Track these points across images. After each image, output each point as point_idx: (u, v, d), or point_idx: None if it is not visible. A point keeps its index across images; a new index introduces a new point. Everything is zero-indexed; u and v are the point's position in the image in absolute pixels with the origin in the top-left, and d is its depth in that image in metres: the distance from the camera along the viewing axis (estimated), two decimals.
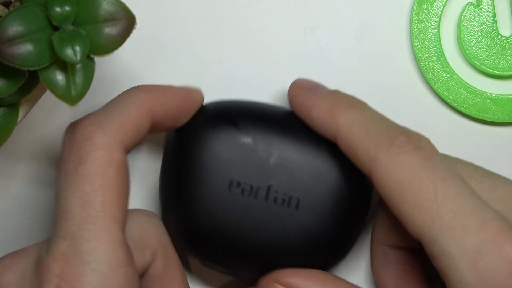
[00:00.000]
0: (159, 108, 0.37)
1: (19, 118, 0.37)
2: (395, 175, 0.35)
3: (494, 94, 0.43)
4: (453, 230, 0.33)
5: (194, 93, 0.39)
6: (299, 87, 0.39)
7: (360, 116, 0.37)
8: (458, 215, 0.33)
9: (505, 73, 0.44)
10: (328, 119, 0.37)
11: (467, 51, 0.44)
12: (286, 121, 0.39)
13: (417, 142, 0.36)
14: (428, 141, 0.36)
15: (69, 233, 0.33)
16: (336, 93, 0.39)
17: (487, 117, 0.43)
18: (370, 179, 0.36)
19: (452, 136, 0.44)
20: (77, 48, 0.33)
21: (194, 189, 0.38)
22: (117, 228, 0.34)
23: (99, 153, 0.34)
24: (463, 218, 0.33)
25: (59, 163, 0.36)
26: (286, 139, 0.38)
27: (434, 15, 0.44)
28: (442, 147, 0.37)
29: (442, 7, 0.44)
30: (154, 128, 0.37)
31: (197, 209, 0.38)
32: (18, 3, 0.35)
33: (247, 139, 0.38)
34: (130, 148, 0.36)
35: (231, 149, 0.37)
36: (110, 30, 0.35)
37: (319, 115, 0.37)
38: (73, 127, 0.36)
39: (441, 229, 0.33)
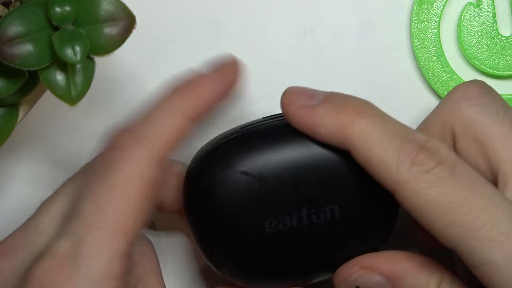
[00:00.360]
0: (198, 110, 0.36)
1: (19, 118, 0.37)
2: (422, 195, 0.34)
3: None
4: (494, 240, 0.33)
5: (230, 71, 0.38)
6: (293, 103, 0.37)
7: (372, 128, 0.35)
8: (496, 225, 0.33)
9: (505, 73, 0.44)
10: (339, 135, 0.36)
11: (467, 51, 0.44)
12: (288, 137, 0.38)
13: (438, 155, 0.34)
14: (447, 149, 0.35)
15: (74, 233, 0.33)
16: (336, 100, 0.37)
17: None
18: (394, 196, 0.35)
19: None
20: (77, 48, 0.33)
21: (234, 243, 0.38)
22: (123, 240, 0.33)
23: (129, 165, 0.34)
24: (502, 227, 0.33)
25: (89, 166, 0.36)
26: (298, 160, 0.37)
27: (434, 15, 0.44)
28: None
29: (442, 7, 0.44)
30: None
31: (245, 261, 0.38)
32: (18, 3, 0.35)
33: (260, 182, 0.37)
34: (168, 155, 0.35)
35: (251, 195, 0.37)
36: (110, 30, 0.35)
37: (327, 132, 0.36)
38: (111, 135, 0.35)
39: (479, 241, 0.33)
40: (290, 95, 0.37)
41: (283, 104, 0.37)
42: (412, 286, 0.36)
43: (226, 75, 0.37)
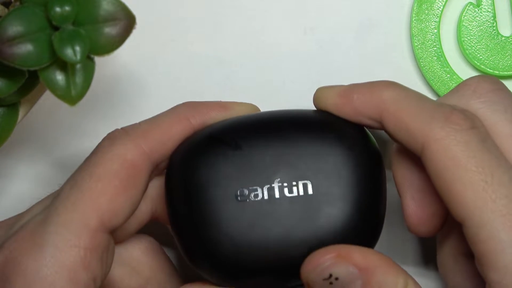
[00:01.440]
0: (198, 118, 0.37)
1: (19, 118, 0.37)
2: (451, 151, 0.34)
3: None
4: (506, 216, 0.33)
5: (236, 105, 0.39)
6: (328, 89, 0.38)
7: (406, 93, 0.36)
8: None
9: (505, 73, 0.44)
10: (371, 97, 0.36)
11: (467, 51, 0.44)
12: (272, 122, 0.38)
13: (472, 122, 0.35)
14: (481, 121, 0.35)
15: (49, 207, 0.34)
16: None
17: None
18: (421, 156, 0.35)
19: None
20: (77, 48, 0.33)
21: (205, 211, 0.37)
22: (93, 215, 0.34)
23: (111, 148, 0.35)
24: None
25: None
26: (277, 137, 0.37)
27: (434, 15, 0.44)
28: None
29: (442, 7, 0.44)
30: None
31: (214, 230, 0.37)
32: (18, 3, 0.35)
33: (237, 151, 0.37)
34: (159, 156, 0.36)
35: (227, 165, 0.37)
36: (110, 30, 0.35)
37: (360, 96, 0.36)
38: (108, 134, 0.36)
39: (493, 213, 0.33)
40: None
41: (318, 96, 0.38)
42: (381, 283, 0.35)
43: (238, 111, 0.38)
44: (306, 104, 0.40)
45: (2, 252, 0.34)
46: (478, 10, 0.44)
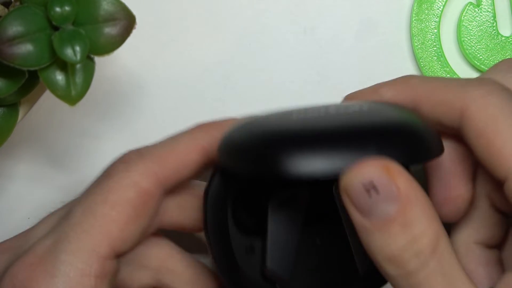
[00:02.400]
0: (214, 145, 0.35)
1: (19, 118, 0.37)
2: (490, 109, 0.34)
3: None
4: None
5: None
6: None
7: (429, 78, 0.37)
8: None
9: None
10: (400, 87, 0.36)
11: (467, 51, 0.44)
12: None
13: (504, 87, 0.35)
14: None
15: (59, 231, 0.34)
16: None
17: None
18: (459, 124, 0.35)
19: None
20: (77, 48, 0.33)
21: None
22: (105, 243, 0.34)
23: (125, 174, 0.34)
24: None
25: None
26: None
27: (434, 15, 0.44)
28: None
29: (442, 7, 0.44)
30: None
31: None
32: (18, 3, 0.35)
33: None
34: (172, 183, 0.35)
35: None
36: (110, 30, 0.35)
37: (388, 88, 0.36)
38: (120, 155, 0.35)
39: None
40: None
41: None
42: (414, 223, 0.32)
43: None
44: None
45: (11, 280, 0.34)
46: (478, 10, 0.44)
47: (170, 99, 0.44)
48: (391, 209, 0.32)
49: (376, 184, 0.32)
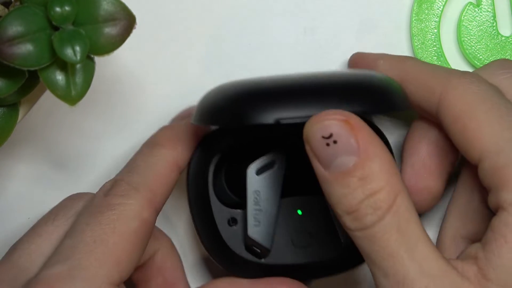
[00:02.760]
0: (183, 156, 0.39)
1: (19, 118, 0.37)
2: (467, 97, 0.35)
3: None
4: None
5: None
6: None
7: (425, 63, 0.39)
8: None
9: None
10: (396, 63, 0.39)
11: (467, 51, 0.44)
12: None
13: (486, 81, 0.36)
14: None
15: (71, 259, 0.35)
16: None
17: None
18: (437, 109, 0.36)
19: None
20: (77, 48, 0.33)
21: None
22: (116, 271, 0.35)
23: (130, 208, 0.36)
24: None
25: (86, 207, 0.37)
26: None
27: (434, 15, 0.44)
28: None
29: (442, 7, 0.44)
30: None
31: None
32: (18, 3, 0.35)
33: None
34: (162, 205, 0.38)
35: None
36: (110, 30, 0.35)
37: (385, 61, 0.39)
38: (110, 184, 0.37)
39: (510, 141, 0.34)
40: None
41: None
42: (372, 176, 0.33)
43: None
44: None
45: None
46: (478, 10, 0.44)
47: (170, 99, 0.44)
48: (349, 161, 0.33)
49: (335, 136, 0.33)
